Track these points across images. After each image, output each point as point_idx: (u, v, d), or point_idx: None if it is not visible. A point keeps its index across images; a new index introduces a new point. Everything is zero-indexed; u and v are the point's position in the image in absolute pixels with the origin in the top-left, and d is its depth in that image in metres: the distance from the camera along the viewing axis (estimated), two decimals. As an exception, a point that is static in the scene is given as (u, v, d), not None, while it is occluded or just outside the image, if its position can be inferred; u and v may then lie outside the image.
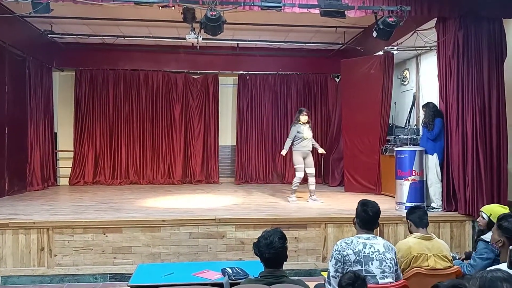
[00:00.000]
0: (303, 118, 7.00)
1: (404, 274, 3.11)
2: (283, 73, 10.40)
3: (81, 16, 7.64)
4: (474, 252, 3.71)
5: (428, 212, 3.69)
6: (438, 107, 6.11)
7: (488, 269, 1.95)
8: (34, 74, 8.64)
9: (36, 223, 5.18)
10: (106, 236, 5.20)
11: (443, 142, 5.96)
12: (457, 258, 3.89)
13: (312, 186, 7.07)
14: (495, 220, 3.68)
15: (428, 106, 6.16)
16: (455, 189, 5.81)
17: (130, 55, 9.77)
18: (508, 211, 3.85)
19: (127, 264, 5.14)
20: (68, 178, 9.74)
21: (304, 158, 6.99)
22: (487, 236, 3.54)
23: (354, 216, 3.08)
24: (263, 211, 6.12)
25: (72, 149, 9.85)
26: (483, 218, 3.82)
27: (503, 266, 2.24)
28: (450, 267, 3.20)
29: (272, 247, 2.63)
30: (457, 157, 5.71)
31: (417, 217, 3.42)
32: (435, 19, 6.06)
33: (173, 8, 5.52)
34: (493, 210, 3.85)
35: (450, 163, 5.85)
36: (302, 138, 6.95)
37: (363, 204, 3.05)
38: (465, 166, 5.67)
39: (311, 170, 7.06)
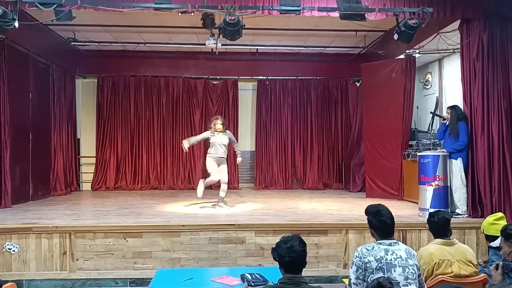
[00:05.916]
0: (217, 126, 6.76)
1: (428, 282, 3.01)
2: (303, 78, 10.35)
3: (103, 24, 7.81)
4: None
5: (452, 217, 3.55)
6: (462, 110, 5.97)
7: (508, 282, 1.85)
8: (57, 81, 8.84)
9: (59, 228, 5.25)
10: (127, 240, 5.23)
11: (468, 146, 5.80)
12: (482, 264, 3.76)
13: (222, 193, 6.89)
14: (486, 232, 3.66)
15: (454, 108, 6.01)
16: (480, 194, 5.64)
17: (150, 61, 9.92)
18: (499, 217, 3.70)
19: (147, 269, 5.14)
20: (91, 183, 9.90)
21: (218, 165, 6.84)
22: (495, 243, 3.50)
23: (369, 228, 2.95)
24: (283, 217, 6.06)
25: (94, 155, 10.03)
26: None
27: None
28: (476, 272, 3.09)
29: (292, 251, 2.58)
30: (482, 162, 5.56)
31: (433, 229, 3.28)
32: (459, 20, 5.93)
33: (192, 14, 5.57)
34: (483, 224, 3.80)
35: (476, 168, 5.69)
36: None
37: (375, 214, 2.93)
38: (491, 171, 5.52)
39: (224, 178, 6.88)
